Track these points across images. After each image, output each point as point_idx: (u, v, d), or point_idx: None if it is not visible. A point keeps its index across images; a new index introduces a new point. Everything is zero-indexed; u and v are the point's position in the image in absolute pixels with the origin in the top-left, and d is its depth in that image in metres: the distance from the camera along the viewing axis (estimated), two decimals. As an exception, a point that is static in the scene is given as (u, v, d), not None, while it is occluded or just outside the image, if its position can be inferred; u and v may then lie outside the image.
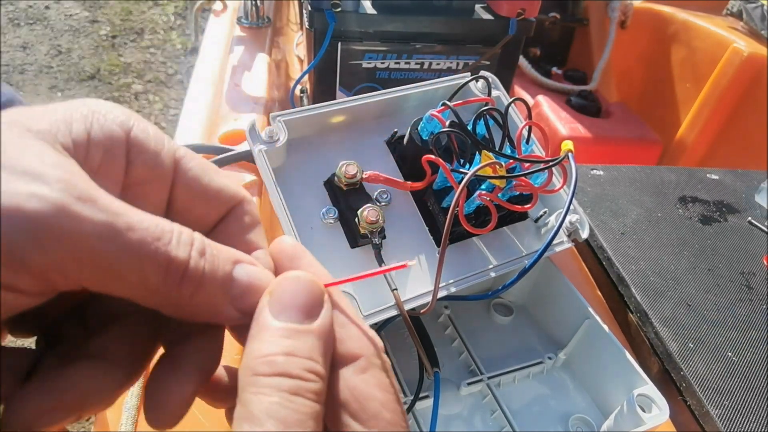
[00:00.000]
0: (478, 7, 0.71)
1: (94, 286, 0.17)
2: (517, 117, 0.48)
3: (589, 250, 0.62)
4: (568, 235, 0.46)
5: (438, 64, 0.71)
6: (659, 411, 0.39)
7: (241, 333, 0.19)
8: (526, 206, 0.43)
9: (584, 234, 0.46)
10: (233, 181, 0.23)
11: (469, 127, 0.42)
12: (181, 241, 0.18)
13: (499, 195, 0.41)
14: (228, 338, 0.21)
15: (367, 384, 0.18)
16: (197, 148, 0.62)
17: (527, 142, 0.45)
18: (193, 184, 0.21)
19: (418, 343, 0.39)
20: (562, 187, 0.45)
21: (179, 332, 0.21)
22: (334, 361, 0.19)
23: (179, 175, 0.20)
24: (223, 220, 0.22)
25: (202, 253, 0.18)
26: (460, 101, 0.44)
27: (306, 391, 0.17)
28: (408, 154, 0.45)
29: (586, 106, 1.34)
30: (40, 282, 0.16)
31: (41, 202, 0.15)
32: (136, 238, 0.16)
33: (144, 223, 0.17)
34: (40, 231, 0.15)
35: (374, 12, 0.66)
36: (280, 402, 0.16)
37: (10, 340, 0.20)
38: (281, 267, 0.21)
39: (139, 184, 0.20)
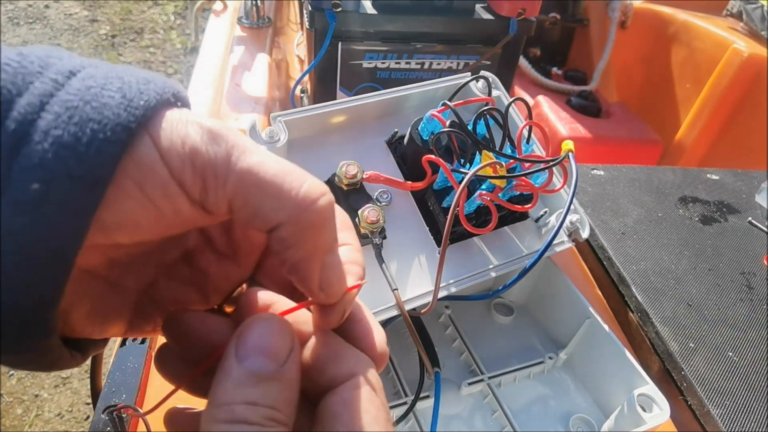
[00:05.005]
0: (478, 6, 0.71)
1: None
2: (517, 117, 0.48)
3: (589, 250, 0.62)
4: (569, 235, 0.46)
5: (438, 63, 0.71)
6: (660, 411, 0.39)
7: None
8: (526, 206, 0.43)
9: (585, 234, 0.46)
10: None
11: (470, 127, 0.42)
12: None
13: (500, 195, 0.41)
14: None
15: (360, 399, 0.19)
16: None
17: (527, 142, 0.45)
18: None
19: (418, 343, 0.40)
20: (562, 187, 0.45)
21: None
22: (331, 380, 0.19)
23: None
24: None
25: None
26: (461, 101, 0.44)
27: None
28: (408, 154, 0.45)
29: (586, 107, 1.34)
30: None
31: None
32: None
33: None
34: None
35: (375, 12, 0.66)
36: None
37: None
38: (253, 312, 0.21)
39: None
